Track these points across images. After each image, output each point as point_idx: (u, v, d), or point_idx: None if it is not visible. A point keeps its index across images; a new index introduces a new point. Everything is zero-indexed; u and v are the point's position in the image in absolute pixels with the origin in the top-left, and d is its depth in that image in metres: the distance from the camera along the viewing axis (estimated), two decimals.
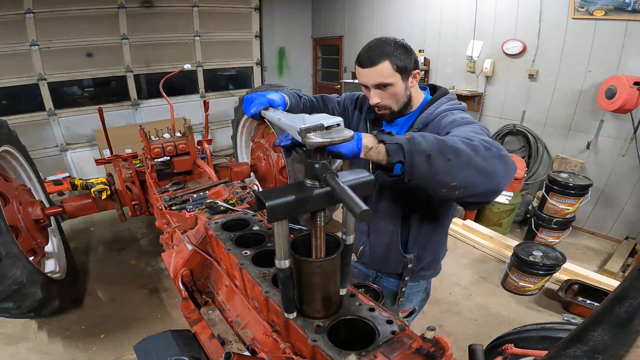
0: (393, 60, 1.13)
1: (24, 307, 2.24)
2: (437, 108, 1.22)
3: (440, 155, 0.84)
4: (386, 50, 1.13)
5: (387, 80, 1.15)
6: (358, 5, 6.14)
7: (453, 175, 0.85)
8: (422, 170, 0.85)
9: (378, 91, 1.19)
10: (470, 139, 0.90)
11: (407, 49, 1.16)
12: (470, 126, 1.05)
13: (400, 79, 1.16)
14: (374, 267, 1.55)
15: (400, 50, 1.14)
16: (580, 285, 2.96)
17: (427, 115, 1.21)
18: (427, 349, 0.79)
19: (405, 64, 1.15)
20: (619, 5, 3.30)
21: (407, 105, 1.25)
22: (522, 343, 1.49)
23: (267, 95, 1.11)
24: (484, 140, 0.91)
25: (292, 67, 7.36)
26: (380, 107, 1.23)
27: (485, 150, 0.88)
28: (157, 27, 5.44)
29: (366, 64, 1.15)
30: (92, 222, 4.29)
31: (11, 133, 2.90)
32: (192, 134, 2.92)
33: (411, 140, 0.85)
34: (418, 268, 1.46)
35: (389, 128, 1.34)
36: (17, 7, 4.33)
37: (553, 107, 4.03)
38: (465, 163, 0.85)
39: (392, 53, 1.13)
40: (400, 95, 1.20)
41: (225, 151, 6.48)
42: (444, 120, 1.15)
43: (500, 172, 0.89)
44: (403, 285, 1.48)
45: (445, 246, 1.54)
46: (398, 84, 1.17)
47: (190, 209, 2.09)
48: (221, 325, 1.35)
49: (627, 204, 3.69)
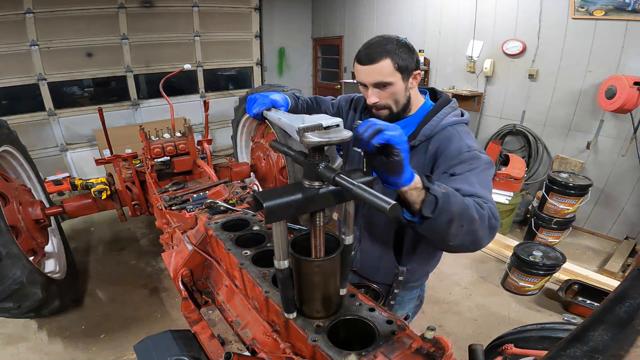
0: (394, 58, 1.09)
1: (24, 307, 2.24)
2: (442, 120, 1.17)
3: (459, 222, 0.86)
4: (388, 47, 1.09)
5: (387, 79, 1.11)
6: (358, 5, 6.15)
7: (456, 238, 0.89)
8: (438, 229, 0.86)
9: (377, 90, 1.15)
10: (482, 205, 0.92)
11: (409, 48, 1.12)
12: (482, 173, 1.04)
13: (400, 79, 1.12)
14: (364, 274, 1.47)
15: (402, 49, 1.10)
16: (580, 285, 2.96)
17: (430, 128, 1.16)
18: (427, 349, 0.79)
19: (407, 64, 1.11)
20: (619, 5, 3.30)
21: (405, 107, 1.21)
22: (522, 343, 1.49)
23: (270, 96, 1.11)
24: (491, 209, 0.93)
25: (292, 67, 7.36)
26: (378, 107, 1.19)
27: (488, 222, 0.91)
28: (157, 27, 5.44)
29: (366, 61, 1.11)
30: (92, 222, 4.29)
31: (11, 133, 2.90)
32: (192, 134, 2.92)
33: (446, 198, 0.83)
34: (409, 280, 1.41)
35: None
36: (17, 7, 4.32)
37: (553, 107, 4.03)
38: (471, 232, 0.89)
39: (393, 51, 1.09)
40: (399, 96, 1.16)
41: (225, 151, 6.48)
42: (453, 145, 1.11)
43: (486, 242, 0.95)
44: (392, 297, 1.41)
45: (439, 259, 1.48)
46: (398, 83, 1.12)
47: (190, 209, 2.09)
48: (221, 325, 1.35)
49: (627, 204, 3.69)
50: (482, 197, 0.96)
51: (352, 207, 0.86)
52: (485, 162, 1.07)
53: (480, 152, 1.10)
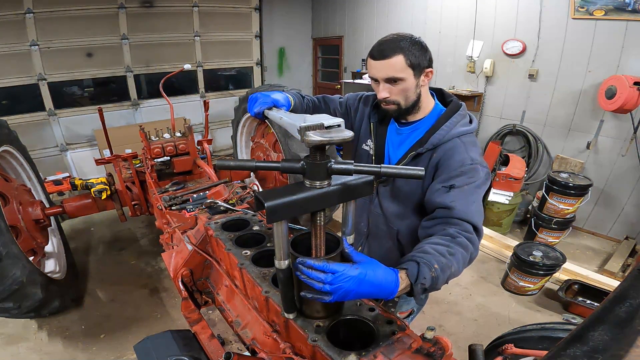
0: (407, 55, 1.10)
1: (24, 307, 2.24)
2: (450, 129, 1.18)
3: (442, 282, 0.96)
4: (401, 44, 1.10)
5: (399, 75, 1.12)
6: (358, 5, 6.14)
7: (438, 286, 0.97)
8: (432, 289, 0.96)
9: (388, 85, 1.15)
10: (466, 247, 1.01)
11: (422, 45, 1.14)
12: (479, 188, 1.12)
13: (412, 75, 1.13)
14: None
15: (415, 47, 1.11)
16: (580, 285, 2.96)
17: (439, 137, 1.17)
18: (427, 349, 0.79)
19: (419, 61, 1.12)
20: (619, 5, 3.30)
21: (415, 104, 1.21)
22: (522, 343, 1.49)
23: (272, 96, 1.15)
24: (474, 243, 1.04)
25: (292, 67, 7.36)
26: (388, 102, 1.19)
27: (467, 264, 1.02)
28: (157, 27, 5.44)
29: (379, 56, 1.12)
30: (92, 222, 4.29)
31: (11, 133, 2.90)
32: (192, 134, 2.92)
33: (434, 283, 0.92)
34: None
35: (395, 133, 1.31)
36: (17, 7, 4.32)
37: (553, 107, 4.03)
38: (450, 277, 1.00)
39: (407, 48, 1.10)
40: (410, 92, 1.16)
41: (225, 151, 6.48)
42: (457, 156, 1.14)
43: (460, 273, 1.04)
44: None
45: None
46: (409, 79, 1.13)
47: (190, 209, 2.09)
48: (221, 325, 1.35)
49: (627, 204, 3.69)
50: (473, 222, 1.05)
51: (353, 207, 0.86)
52: (483, 178, 1.13)
53: (481, 165, 1.14)
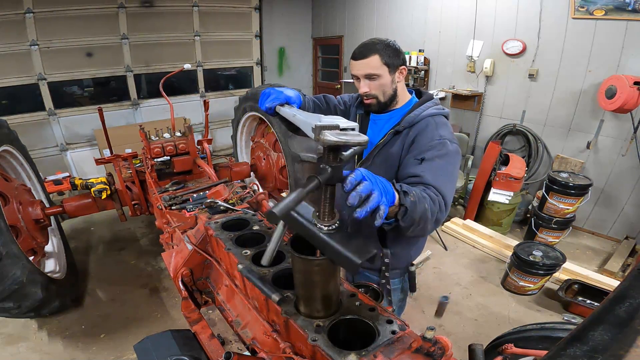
0: (382, 55, 1.28)
1: (24, 307, 2.24)
2: (423, 111, 1.33)
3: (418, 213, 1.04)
4: (377, 46, 1.28)
5: (375, 72, 1.29)
6: (358, 5, 6.14)
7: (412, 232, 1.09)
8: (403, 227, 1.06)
9: (367, 81, 1.33)
10: (434, 200, 1.10)
11: (396, 48, 1.31)
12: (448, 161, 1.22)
13: (387, 72, 1.30)
14: None
15: (390, 48, 1.29)
16: (580, 285, 2.96)
17: (414, 117, 1.33)
18: (427, 349, 0.79)
19: (393, 60, 1.30)
20: (619, 5, 3.30)
21: (392, 98, 1.37)
22: (522, 343, 1.50)
23: (285, 92, 1.19)
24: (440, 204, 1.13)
25: (292, 67, 7.36)
26: (368, 96, 1.36)
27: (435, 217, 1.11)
28: (157, 27, 5.44)
29: (358, 56, 1.31)
30: (92, 222, 4.29)
31: (11, 133, 2.90)
32: (192, 133, 2.92)
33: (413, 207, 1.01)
34: (394, 265, 1.49)
35: (375, 121, 1.46)
36: (17, 7, 4.32)
37: (553, 107, 4.03)
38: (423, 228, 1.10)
39: (382, 49, 1.28)
40: (386, 87, 1.33)
41: (225, 151, 6.47)
42: (427, 133, 1.28)
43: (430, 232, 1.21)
44: (386, 282, 1.50)
45: (422, 246, 1.60)
46: (385, 76, 1.30)
47: (190, 209, 2.09)
48: (221, 325, 1.35)
49: (627, 203, 3.69)
50: (439, 189, 1.13)
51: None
52: (452, 151, 1.24)
53: (450, 141, 1.26)
